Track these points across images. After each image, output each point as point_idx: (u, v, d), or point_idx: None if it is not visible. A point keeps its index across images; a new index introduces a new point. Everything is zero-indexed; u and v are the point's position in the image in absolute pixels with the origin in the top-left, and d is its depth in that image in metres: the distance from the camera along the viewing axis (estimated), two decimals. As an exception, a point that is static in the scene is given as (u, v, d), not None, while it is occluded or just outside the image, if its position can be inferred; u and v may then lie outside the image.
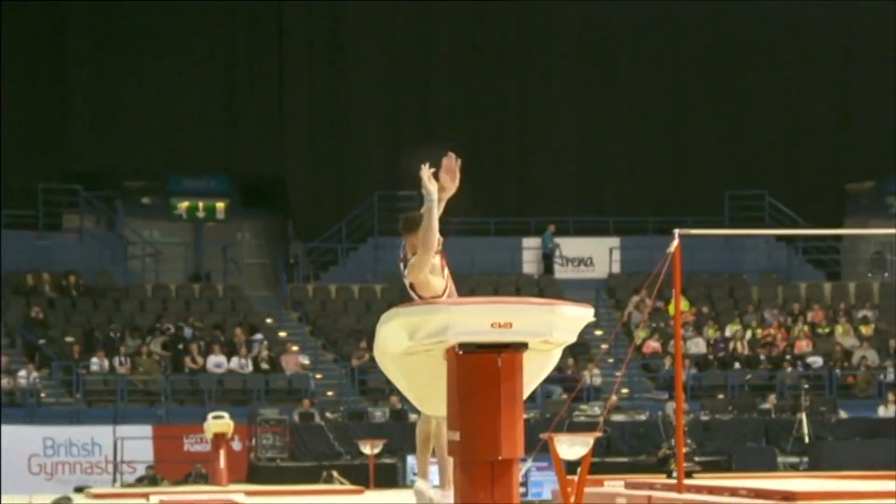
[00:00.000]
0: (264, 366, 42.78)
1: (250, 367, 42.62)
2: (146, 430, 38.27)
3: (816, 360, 43.45)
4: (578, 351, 40.10)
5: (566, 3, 47.93)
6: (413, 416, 35.31)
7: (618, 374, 37.23)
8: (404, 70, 48.58)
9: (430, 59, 48.64)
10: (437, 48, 48.49)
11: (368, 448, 33.52)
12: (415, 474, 34.27)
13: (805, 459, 36.13)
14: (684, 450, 23.77)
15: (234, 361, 42.62)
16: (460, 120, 47.51)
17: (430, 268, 12.73)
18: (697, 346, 43.26)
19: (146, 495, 29.70)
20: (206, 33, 47.53)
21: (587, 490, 18.67)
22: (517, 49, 48.45)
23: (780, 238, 45.50)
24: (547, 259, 46.65)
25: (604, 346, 42.53)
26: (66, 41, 47.56)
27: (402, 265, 13.12)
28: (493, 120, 47.74)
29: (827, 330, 44.68)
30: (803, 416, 38.40)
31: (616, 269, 46.53)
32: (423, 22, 48.48)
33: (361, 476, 33.32)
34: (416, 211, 13.01)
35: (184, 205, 48.94)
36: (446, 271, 13.00)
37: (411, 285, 12.99)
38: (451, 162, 12.85)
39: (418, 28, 48.53)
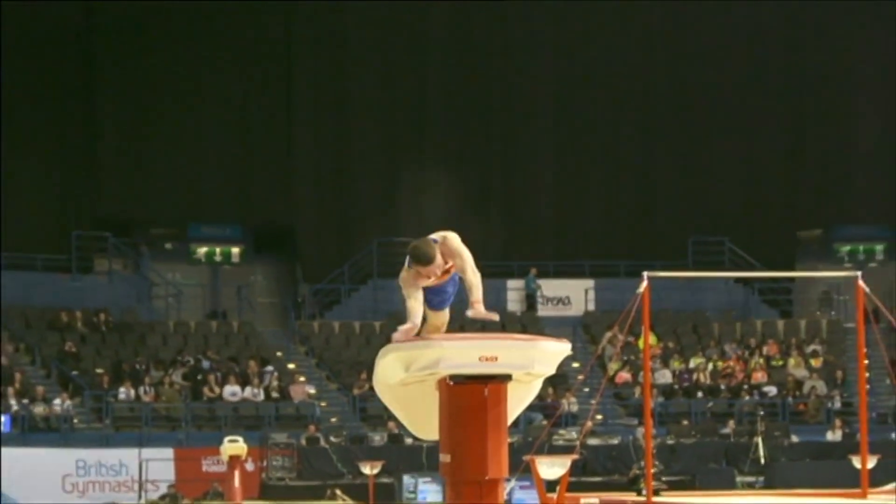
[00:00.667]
0: (274, 394, 42.74)
1: (262, 396, 42.58)
2: (168, 452, 38.23)
3: (771, 390, 43.45)
4: (557, 381, 40.02)
5: (544, 60, 47.93)
6: (409, 440, 35.39)
7: (593, 402, 37.30)
8: (400, 132, 48.65)
9: (423, 122, 48.69)
10: (430, 111, 48.54)
11: (368, 469, 33.43)
12: (411, 492, 34.33)
13: (761, 479, 36.11)
14: (652, 470, 23.78)
15: (248, 390, 42.59)
16: (451, 175, 47.50)
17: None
18: (664, 376, 43.27)
19: (168, 511, 29.73)
20: (223, 97, 47.55)
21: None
22: (500, 111, 48.47)
23: (738, 280, 45.50)
24: (530, 298, 46.68)
25: (580, 377, 42.49)
26: (97, 102, 47.61)
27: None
28: (480, 174, 47.78)
29: (780, 362, 44.67)
30: (759, 440, 38.40)
31: (591, 307, 46.53)
32: (418, 90, 48.53)
33: (362, 494, 33.28)
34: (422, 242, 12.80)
35: (202, 250, 48.93)
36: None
37: None
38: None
39: (413, 98, 48.55)
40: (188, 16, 46.74)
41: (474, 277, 12.34)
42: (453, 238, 12.37)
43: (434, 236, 12.49)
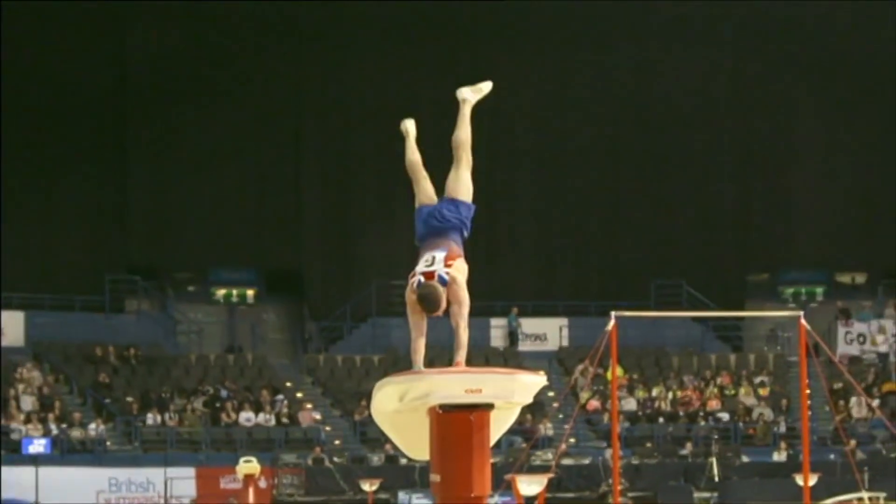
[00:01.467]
0: (284, 420, 42.71)
1: (273, 421, 42.55)
2: (190, 471, 38.17)
3: (724, 416, 43.43)
4: (535, 408, 39.99)
5: (525, 114, 47.95)
6: (403, 461, 35.32)
7: (566, 426, 37.26)
8: (395, 189, 48.57)
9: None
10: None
11: (368, 486, 33.42)
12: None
13: (715, 495, 36.09)
14: (619, 487, 23.79)
15: (261, 416, 42.56)
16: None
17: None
18: (629, 404, 43.26)
19: (190, 524, 29.69)
20: (239, 157, 47.61)
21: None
22: (485, 168, 48.47)
23: (694, 318, 45.52)
24: (512, 335, 46.67)
25: (555, 405, 42.49)
26: (128, 160, 47.60)
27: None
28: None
29: (732, 391, 44.65)
30: (713, 460, 38.36)
31: (565, 343, 46.51)
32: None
33: (362, 509, 33.28)
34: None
35: (221, 292, 48.91)
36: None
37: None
38: None
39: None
40: (210, 83, 46.86)
41: (464, 335, 11.99)
42: (460, 285, 12.18)
43: (443, 272, 12.20)
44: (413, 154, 13.20)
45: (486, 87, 13.01)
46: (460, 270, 12.23)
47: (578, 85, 47.99)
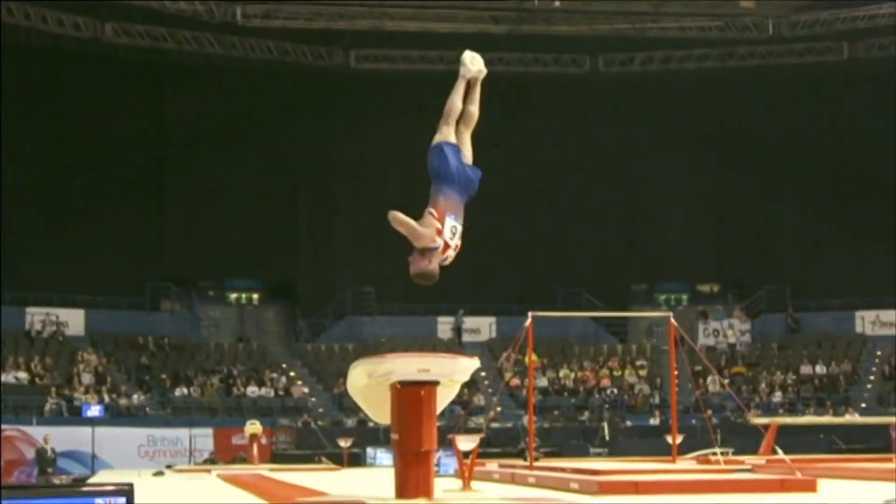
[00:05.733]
0: (281, 392, 42.60)
1: (272, 394, 42.41)
2: (209, 431, 38.00)
3: (613, 391, 43.52)
4: (471, 385, 40.02)
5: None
6: (371, 424, 35.21)
7: (494, 399, 37.25)
8: (370, 217, 48.69)
9: (384, 210, 48.70)
10: (389, 203, 48.61)
11: (344, 443, 33.27)
12: (372, 458, 33.93)
13: (606, 450, 36.13)
14: (533, 445, 23.77)
15: (263, 390, 42.41)
16: (403, 241, 47.52)
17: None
18: (542, 382, 43.31)
19: (209, 470, 29.48)
20: (249, 193, 47.65)
21: (476, 469, 18.64)
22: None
23: (591, 317, 45.64)
24: (458, 329, 46.62)
25: (486, 382, 42.53)
26: (165, 192, 47.61)
27: None
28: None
29: (619, 372, 44.75)
30: (605, 424, 38.44)
31: (494, 335, 46.51)
32: (383, 191, 48.65)
33: (339, 460, 33.14)
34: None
35: (234, 296, 48.78)
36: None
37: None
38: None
39: (379, 196, 48.66)
40: (230, 139, 46.89)
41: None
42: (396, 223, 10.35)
43: (453, 251, 10.54)
44: (459, 101, 10.26)
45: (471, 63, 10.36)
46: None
47: (502, 146, 48.16)
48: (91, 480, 24.94)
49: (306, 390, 43.20)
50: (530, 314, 21.96)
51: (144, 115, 46.58)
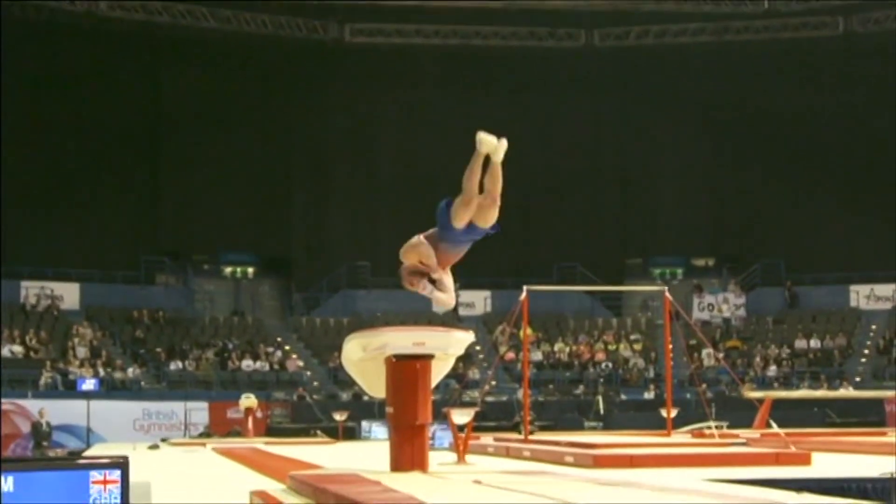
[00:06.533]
0: (276, 366, 42.61)
1: (267, 367, 42.43)
2: (204, 405, 38.03)
3: (608, 365, 43.56)
4: (465, 359, 40.04)
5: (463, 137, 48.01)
6: (366, 397, 35.26)
7: (489, 372, 37.27)
8: (364, 192, 48.69)
9: (379, 185, 48.76)
10: (383, 179, 48.64)
11: (339, 416, 33.37)
12: (367, 432, 33.93)
13: (600, 424, 36.19)
14: (528, 418, 23.82)
15: (258, 363, 42.41)
16: (398, 218, 47.56)
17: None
18: (537, 356, 43.32)
19: (204, 444, 29.51)
20: (245, 167, 47.51)
21: (471, 442, 18.66)
22: (434, 178, 48.46)
23: (586, 292, 45.63)
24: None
25: (481, 356, 42.55)
26: (160, 167, 47.56)
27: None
28: (417, 219, 47.65)
29: (614, 346, 44.79)
30: (600, 398, 38.47)
31: (489, 310, 46.53)
32: (377, 165, 48.60)
33: (334, 433, 33.19)
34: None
35: (228, 269, 48.75)
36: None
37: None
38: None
39: (373, 169, 48.60)
40: (225, 113, 46.79)
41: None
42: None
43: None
44: (474, 182, 10.83)
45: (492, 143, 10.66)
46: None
47: (499, 120, 48.04)
48: (86, 454, 24.95)
49: (301, 364, 43.22)
50: (525, 288, 21.98)
51: (139, 88, 46.56)
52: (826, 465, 16.16)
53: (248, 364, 42.23)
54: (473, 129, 10.76)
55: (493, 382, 40.61)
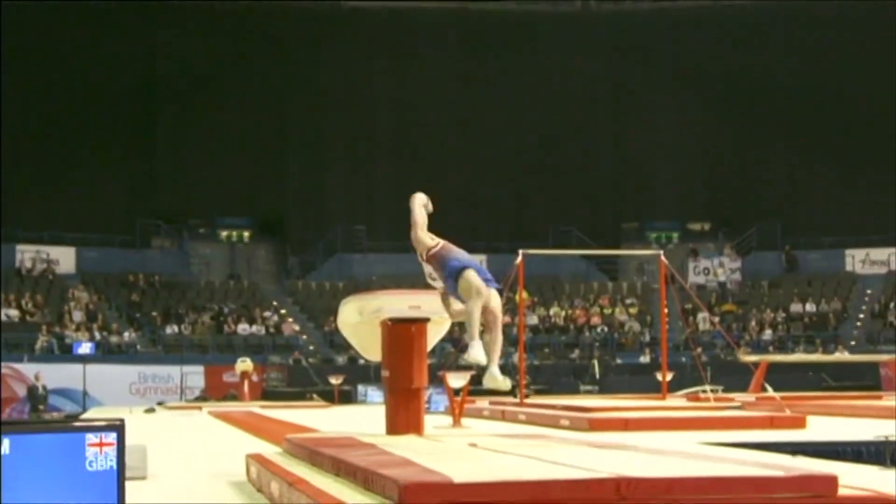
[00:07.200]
0: (272, 330, 42.67)
1: (263, 331, 42.49)
2: (200, 368, 38.10)
3: (604, 329, 43.61)
4: (461, 322, 39.92)
5: (455, 101, 47.95)
6: (361, 361, 35.30)
7: (485, 336, 37.29)
8: (359, 153, 48.67)
9: (375, 147, 48.74)
10: (380, 141, 48.61)
11: (334, 380, 33.36)
12: (363, 396, 34.00)
13: (596, 388, 36.22)
14: (524, 382, 23.85)
15: (254, 327, 42.47)
16: (394, 180, 47.58)
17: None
18: (532, 320, 43.36)
19: (200, 407, 29.56)
20: (241, 133, 47.53)
21: (466, 406, 18.69)
22: (430, 141, 48.40)
23: (582, 256, 45.61)
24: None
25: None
26: (156, 133, 47.54)
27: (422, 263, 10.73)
28: (414, 181, 47.63)
29: (610, 310, 44.85)
30: (595, 362, 38.49)
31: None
32: (372, 126, 48.53)
33: (330, 397, 33.23)
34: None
35: (224, 233, 48.85)
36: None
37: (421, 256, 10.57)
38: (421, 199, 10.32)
39: (368, 131, 48.54)
40: (221, 76, 46.84)
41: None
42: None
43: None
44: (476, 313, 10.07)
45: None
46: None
47: (495, 84, 48.00)
48: (83, 417, 25.00)
49: (297, 328, 43.27)
50: (521, 252, 21.96)
51: (135, 52, 46.45)
52: (821, 428, 16.20)
53: (244, 328, 42.27)
54: (469, 93, 10.71)
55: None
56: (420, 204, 10.11)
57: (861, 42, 45.24)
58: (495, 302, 10.15)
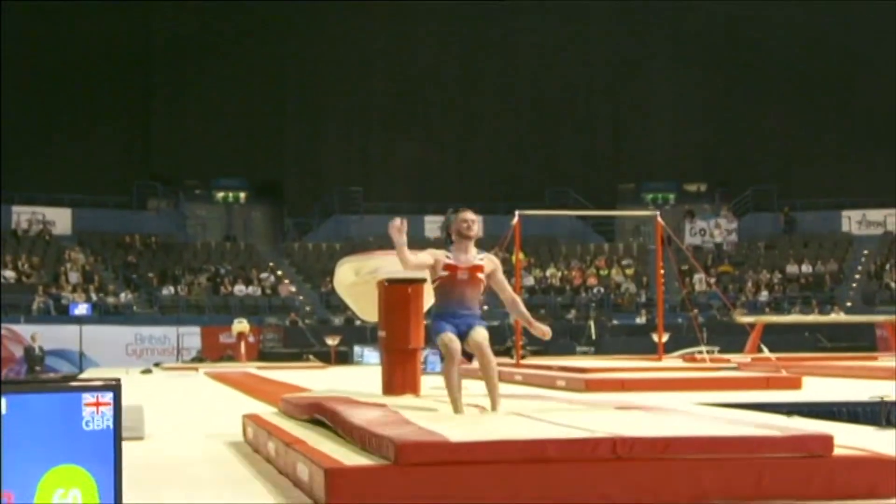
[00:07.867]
0: (268, 291, 42.68)
1: (260, 292, 42.50)
2: (197, 329, 38.10)
3: (600, 290, 43.64)
4: (458, 283, 39.98)
5: (451, 65, 47.89)
6: (358, 322, 35.35)
7: (481, 297, 37.35)
8: (355, 115, 48.60)
9: (371, 111, 48.67)
10: (377, 104, 48.52)
11: (331, 341, 33.43)
12: (359, 356, 34.03)
13: (592, 349, 36.27)
14: (520, 343, 23.90)
15: (250, 288, 42.48)
16: (390, 143, 47.50)
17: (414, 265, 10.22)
18: (529, 281, 43.36)
19: (196, 368, 29.61)
20: (239, 95, 47.49)
21: (463, 367, 18.69)
22: (425, 103, 48.32)
23: (578, 216, 45.61)
24: (445, 229, 46.51)
25: (473, 281, 42.51)
26: (153, 95, 47.49)
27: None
28: (408, 142, 47.66)
29: (606, 272, 44.86)
30: (591, 323, 38.54)
31: (481, 234, 46.11)
32: (368, 90, 48.42)
33: (326, 358, 33.28)
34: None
35: (221, 195, 48.88)
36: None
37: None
38: (396, 224, 9.77)
39: (364, 94, 48.45)
40: (217, 40, 46.79)
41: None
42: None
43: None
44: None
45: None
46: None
47: (492, 45, 47.92)
48: (79, 378, 25.05)
49: (293, 289, 43.30)
50: (517, 213, 21.98)
51: (132, 15, 46.33)
52: (816, 389, 16.25)
53: (240, 289, 42.30)
54: (465, 55, 10.64)
55: (485, 307, 40.64)
56: (394, 231, 9.78)
57: (863, 4, 45.09)
58: (480, 336, 9.57)
